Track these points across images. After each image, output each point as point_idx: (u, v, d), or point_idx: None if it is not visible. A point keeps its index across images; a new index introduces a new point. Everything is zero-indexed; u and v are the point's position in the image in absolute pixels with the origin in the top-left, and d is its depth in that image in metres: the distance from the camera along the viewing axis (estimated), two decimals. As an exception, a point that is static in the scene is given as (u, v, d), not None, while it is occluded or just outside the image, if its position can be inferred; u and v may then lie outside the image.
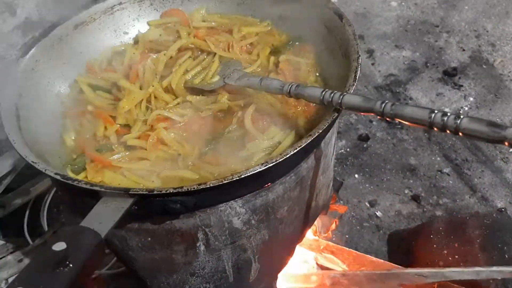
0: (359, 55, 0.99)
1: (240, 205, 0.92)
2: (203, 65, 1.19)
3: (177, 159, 1.00)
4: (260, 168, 0.80)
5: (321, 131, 0.85)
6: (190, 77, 1.17)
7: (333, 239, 1.75)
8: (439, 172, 2.05)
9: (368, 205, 1.92)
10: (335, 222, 1.67)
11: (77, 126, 1.08)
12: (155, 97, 1.12)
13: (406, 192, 1.97)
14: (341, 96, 0.86)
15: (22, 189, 1.99)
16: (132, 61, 1.21)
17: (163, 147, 1.02)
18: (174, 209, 0.82)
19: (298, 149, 0.82)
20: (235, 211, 0.92)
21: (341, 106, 0.86)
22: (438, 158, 2.11)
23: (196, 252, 0.97)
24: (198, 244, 0.96)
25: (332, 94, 0.87)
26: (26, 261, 1.72)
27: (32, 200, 1.96)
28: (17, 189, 1.98)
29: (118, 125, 1.06)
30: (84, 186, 0.78)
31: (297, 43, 1.22)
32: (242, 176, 0.79)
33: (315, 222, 1.50)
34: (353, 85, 0.93)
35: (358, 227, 1.84)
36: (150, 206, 0.82)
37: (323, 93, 0.89)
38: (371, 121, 2.28)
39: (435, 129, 0.74)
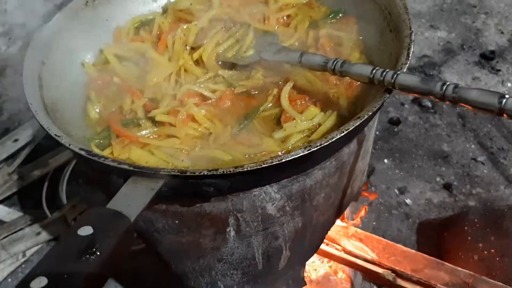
0: (412, 31, 0.90)
1: (275, 190, 0.85)
2: (236, 37, 1.11)
3: (208, 138, 0.93)
4: (303, 152, 0.72)
5: (370, 113, 0.77)
6: (223, 50, 1.09)
7: (360, 226, 1.68)
8: (473, 161, 1.94)
9: (398, 192, 1.84)
10: (365, 208, 1.59)
11: (102, 98, 1.02)
12: (185, 70, 1.05)
13: (437, 180, 1.87)
14: (395, 75, 0.78)
15: (41, 160, 1.95)
16: (160, 31, 1.14)
17: (193, 124, 0.95)
18: (206, 192, 0.76)
19: (345, 132, 0.75)
20: (270, 197, 0.85)
21: (394, 86, 0.78)
22: (473, 146, 2.00)
23: (225, 238, 0.91)
24: (228, 230, 0.89)
25: (384, 73, 0.79)
26: (44, 234, 1.70)
27: (51, 172, 1.92)
28: (35, 160, 1.95)
29: (146, 99, 0.99)
30: (111, 164, 0.72)
31: (338, 16, 1.13)
32: (283, 161, 0.72)
33: (344, 208, 1.43)
34: (406, 63, 0.84)
35: (386, 214, 1.76)
36: (180, 188, 0.76)
37: (374, 71, 0.80)
38: (402, 104, 2.17)
39: (505, 116, 0.65)
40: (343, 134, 0.74)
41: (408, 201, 1.80)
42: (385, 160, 1.96)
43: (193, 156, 0.90)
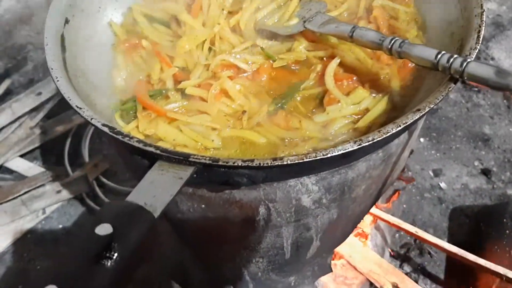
0: (483, 10, 0.78)
1: (313, 182, 0.76)
2: (278, 2, 1.00)
3: (241, 117, 0.84)
4: (352, 147, 0.63)
5: (432, 105, 0.67)
6: (263, 16, 0.98)
7: (390, 209, 1.60)
8: (516, 146, 1.83)
9: (432, 175, 1.73)
10: (398, 193, 1.50)
11: (129, 63, 0.94)
12: (220, 38, 0.95)
13: (476, 164, 1.76)
14: (465, 64, 0.67)
15: (64, 115, 1.90)
16: (195, -10, 1.03)
17: (227, 100, 0.86)
18: (239, 183, 0.68)
19: (402, 127, 0.65)
20: (306, 188, 0.77)
21: (462, 75, 0.67)
22: (517, 130, 1.88)
23: (254, 227, 0.84)
24: (257, 219, 0.82)
25: (451, 60, 0.68)
26: (65, 193, 1.67)
27: (74, 128, 1.88)
28: (59, 115, 1.90)
29: (177, 68, 0.90)
30: (136, 145, 0.64)
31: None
32: (328, 156, 0.63)
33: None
34: (476, 49, 0.73)
35: (418, 197, 1.67)
36: (211, 176, 0.68)
37: (439, 56, 0.70)
38: (463, 82, 2.03)
39: None
40: (399, 128, 0.65)
41: (442, 184, 1.70)
42: (421, 139, 1.84)
43: (224, 136, 0.82)
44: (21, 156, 1.83)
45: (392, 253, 1.54)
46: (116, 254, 0.47)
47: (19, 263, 1.58)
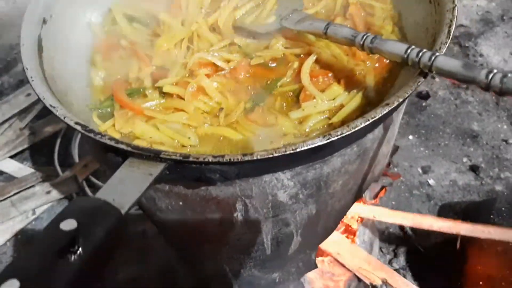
0: (455, 5, 0.79)
1: (289, 177, 0.77)
2: (256, 1, 1.01)
3: (218, 114, 0.85)
4: (321, 141, 0.64)
5: (401, 100, 0.67)
6: (241, 15, 0.99)
7: (378, 204, 1.61)
8: (504, 142, 1.82)
9: (421, 171, 1.73)
10: (385, 189, 1.51)
11: (107, 63, 0.94)
12: (198, 36, 0.96)
13: (464, 160, 1.76)
14: (433, 58, 0.67)
15: (54, 116, 1.88)
16: (174, -10, 1.04)
17: (204, 97, 0.87)
18: (211, 179, 0.69)
19: (370, 121, 0.66)
20: (282, 184, 0.78)
21: (431, 69, 0.68)
22: (505, 126, 1.88)
23: (232, 223, 0.85)
24: (235, 215, 0.83)
25: (420, 54, 0.69)
26: (55, 193, 1.68)
27: (64, 129, 1.88)
28: (48, 115, 1.91)
29: (154, 67, 0.91)
30: (108, 142, 0.65)
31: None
32: (297, 150, 0.64)
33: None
34: (446, 43, 0.73)
35: (407, 194, 1.67)
36: (184, 172, 0.69)
37: (409, 51, 0.70)
38: (433, 77, 2.03)
39: None
40: (368, 122, 0.65)
41: (431, 181, 1.70)
42: (410, 137, 1.84)
43: (201, 133, 0.83)
44: (11, 157, 1.83)
45: (381, 250, 1.55)
46: (80, 249, 0.48)
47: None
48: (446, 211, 1.62)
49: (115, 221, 0.54)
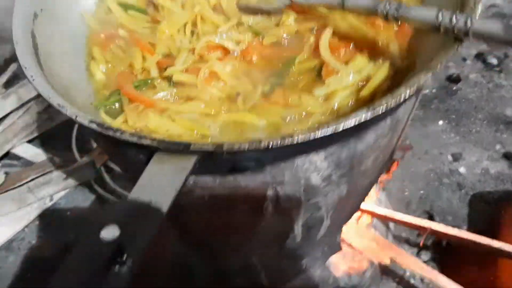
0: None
1: (322, 158, 0.72)
2: (259, -24, 0.94)
3: (236, 99, 0.79)
4: (366, 116, 0.59)
5: (444, 64, 0.62)
6: (244, -8, 0.93)
7: (406, 193, 1.53)
8: (540, 128, 1.75)
9: (451, 159, 1.65)
10: (397, 163, 1.47)
11: (107, 55, 0.87)
12: (202, 19, 0.89)
13: (497, 148, 1.67)
14: (469, 21, 0.62)
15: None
16: (169, -28, 0.97)
17: (218, 83, 0.81)
18: (245, 167, 0.63)
19: (415, 88, 0.60)
20: (315, 166, 0.72)
21: (467, 34, 0.63)
22: (541, 112, 1.80)
23: (262, 212, 0.79)
24: (265, 204, 0.77)
25: (454, 18, 0.64)
26: (72, 179, 1.64)
27: None
28: None
29: (159, 55, 0.84)
30: (130, 138, 0.59)
31: None
32: (340, 128, 0.58)
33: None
34: (479, 2, 0.68)
35: (436, 183, 1.59)
36: (214, 164, 0.63)
37: (440, 16, 0.65)
38: (464, 60, 1.92)
39: None
40: (413, 90, 0.60)
41: (462, 169, 1.62)
42: (440, 122, 1.75)
43: (220, 122, 0.77)
44: (28, 142, 1.80)
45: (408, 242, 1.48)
46: (128, 259, 0.42)
47: (27, 250, 1.56)
48: (477, 200, 1.55)
49: (157, 224, 0.48)
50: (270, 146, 0.58)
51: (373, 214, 1.39)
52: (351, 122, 0.58)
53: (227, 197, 0.76)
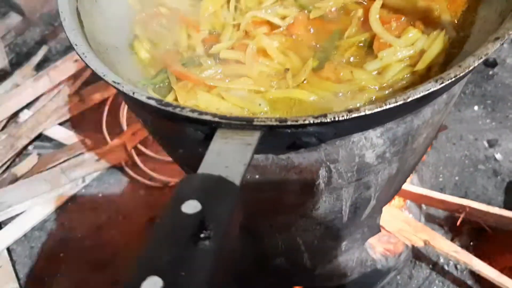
0: None
1: (379, 134, 0.70)
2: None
3: (285, 75, 0.77)
4: (434, 87, 0.57)
5: (506, 34, 0.60)
6: (286, -34, 0.90)
7: (440, 179, 1.50)
8: None
9: (487, 145, 1.60)
10: (431, 145, 1.45)
11: (150, 33, 0.85)
12: (245, -7, 0.87)
13: None
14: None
15: (102, 83, 1.84)
16: None
17: (265, 59, 0.79)
18: (307, 143, 0.62)
19: (483, 58, 0.58)
20: (371, 143, 0.70)
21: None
22: None
23: (312, 192, 0.78)
24: (317, 183, 0.76)
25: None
26: (104, 161, 1.66)
27: (112, 96, 1.85)
28: (96, 82, 1.87)
29: (206, 32, 0.82)
30: (191, 115, 0.57)
31: None
32: (409, 99, 0.56)
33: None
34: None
35: (471, 169, 1.55)
36: (276, 139, 0.61)
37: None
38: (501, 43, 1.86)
39: None
40: (481, 60, 0.58)
41: (498, 156, 1.58)
42: (475, 107, 1.71)
43: (270, 99, 0.75)
44: (60, 124, 1.82)
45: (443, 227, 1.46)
46: (212, 233, 0.41)
47: (60, 231, 1.59)
48: None
49: (234, 198, 0.46)
50: (337, 119, 0.56)
51: (408, 194, 1.37)
52: (419, 93, 0.56)
53: (279, 176, 0.75)
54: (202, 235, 0.41)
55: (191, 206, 0.42)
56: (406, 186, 1.37)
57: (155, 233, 0.40)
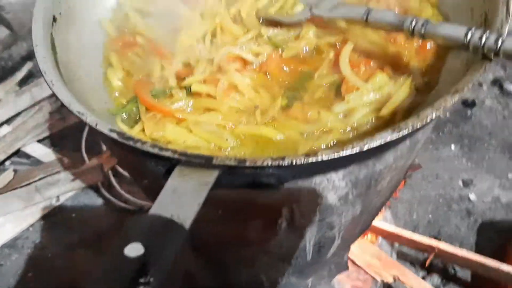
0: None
1: (341, 177, 0.71)
2: (280, -12, 0.94)
3: (254, 112, 0.78)
4: (391, 136, 0.58)
5: (470, 86, 0.62)
6: (264, 4, 0.92)
7: (414, 217, 1.50)
8: (554, 159, 1.72)
9: (461, 185, 1.61)
10: (404, 181, 1.46)
11: (124, 62, 0.86)
12: (222, 29, 0.88)
13: (509, 176, 1.64)
14: (500, 40, 0.62)
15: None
16: (188, -19, 0.96)
17: (236, 95, 0.80)
18: (265, 184, 0.62)
19: (441, 110, 0.60)
20: (333, 185, 0.71)
21: (497, 53, 0.62)
22: (557, 143, 1.77)
23: (275, 229, 0.78)
24: (279, 221, 0.76)
25: (484, 37, 0.63)
26: (79, 181, 1.64)
27: None
28: None
29: (180, 64, 0.83)
30: (151, 150, 0.57)
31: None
32: (366, 148, 0.57)
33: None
34: (507, 22, 0.68)
35: (445, 208, 1.56)
36: (235, 179, 0.61)
37: (469, 34, 0.64)
38: (480, 85, 1.89)
39: None
40: (439, 112, 0.59)
41: (472, 196, 1.59)
42: (452, 146, 1.73)
43: (238, 134, 0.76)
44: (39, 141, 1.80)
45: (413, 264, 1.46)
46: (152, 279, 0.41)
47: (31, 249, 1.56)
48: (486, 229, 1.52)
49: (181, 241, 0.46)
50: (294, 163, 0.57)
51: (380, 231, 1.38)
52: (376, 142, 0.57)
53: (241, 211, 0.75)
54: (141, 280, 0.40)
55: (134, 249, 0.42)
56: (378, 223, 1.37)
57: (100, 274, 0.40)
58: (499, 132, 1.78)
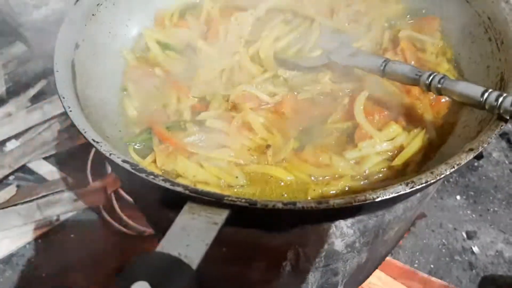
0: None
1: (349, 225, 0.70)
2: (298, 31, 0.96)
3: (266, 151, 0.78)
4: (404, 190, 0.58)
5: (485, 145, 0.62)
6: (282, 46, 0.94)
7: (416, 265, 1.49)
8: (559, 216, 1.68)
9: (465, 236, 1.59)
10: (408, 232, 1.44)
11: (141, 92, 0.87)
12: (239, 67, 0.90)
13: None
14: (517, 102, 0.62)
15: None
16: (209, 17, 0.99)
17: (249, 133, 0.80)
18: (274, 226, 0.62)
19: (455, 168, 0.60)
20: (341, 232, 0.71)
21: (512, 115, 0.63)
22: (562, 200, 1.74)
23: (279, 272, 0.77)
24: (284, 264, 0.75)
25: (501, 98, 0.64)
26: (81, 202, 1.62)
27: None
28: None
29: (196, 99, 0.84)
30: (162, 184, 0.57)
31: (417, 16, 0.97)
32: (378, 199, 0.57)
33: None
34: (523, 84, 0.69)
35: (447, 259, 1.53)
36: (244, 219, 0.61)
37: (486, 94, 0.65)
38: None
39: None
40: (453, 169, 0.59)
41: (475, 248, 1.56)
42: (457, 197, 1.71)
43: (248, 172, 0.76)
44: (45, 158, 1.79)
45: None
46: (156, 320, 0.40)
47: (25, 267, 1.53)
48: (488, 283, 1.48)
49: (187, 282, 0.46)
50: (305, 208, 0.57)
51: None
52: (389, 194, 0.57)
53: (246, 251, 0.74)
54: (146, 321, 0.40)
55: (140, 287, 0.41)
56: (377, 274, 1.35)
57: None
58: (505, 185, 1.76)
